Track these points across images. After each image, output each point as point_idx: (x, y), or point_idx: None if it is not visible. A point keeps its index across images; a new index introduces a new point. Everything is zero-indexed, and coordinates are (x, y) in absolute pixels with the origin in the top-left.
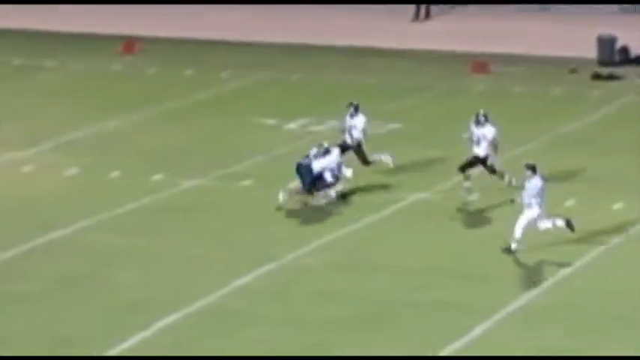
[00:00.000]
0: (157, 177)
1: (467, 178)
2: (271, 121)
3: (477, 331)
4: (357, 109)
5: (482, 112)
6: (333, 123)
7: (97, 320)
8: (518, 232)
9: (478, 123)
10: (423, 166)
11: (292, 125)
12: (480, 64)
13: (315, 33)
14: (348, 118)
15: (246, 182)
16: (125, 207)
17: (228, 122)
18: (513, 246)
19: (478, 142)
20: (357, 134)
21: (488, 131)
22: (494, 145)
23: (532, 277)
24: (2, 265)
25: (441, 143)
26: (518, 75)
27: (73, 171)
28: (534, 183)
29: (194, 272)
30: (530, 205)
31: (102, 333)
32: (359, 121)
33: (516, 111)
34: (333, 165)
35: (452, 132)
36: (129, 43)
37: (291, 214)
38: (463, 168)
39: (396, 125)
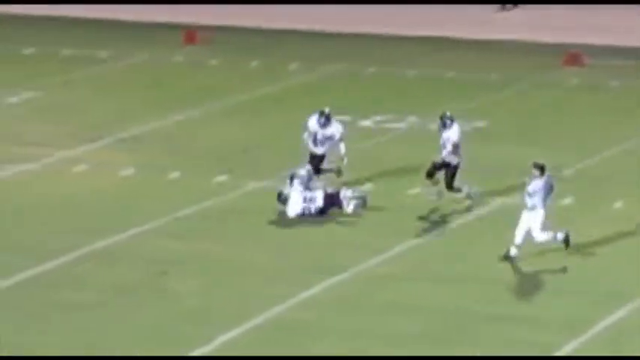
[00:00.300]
0: (220, 178)
1: (435, 183)
2: (344, 118)
3: (567, 349)
4: (328, 118)
5: (448, 113)
6: (412, 120)
7: (153, 333)
8: (518, 237)
9: (444, 126)
10: (509, 167)
11: (367, 122)
12: (573, 55)
13: (390, 22)
14: (317, 126)
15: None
16: (184, 210)
17: (296, 119)
18: (513, 252)
19: (444, 146)
20: (327, 146)
21: (452, 133)
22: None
23: (624, 291)
24: (52, 272)
25: (529, 142)
26: (614, 68)
27: (128, 171)
28: (540, 184)
29: (259, 281)
30: (533, 208)
31: (158, 347)
32: (335, 130)
33: (612, 106)
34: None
35: (542, 129)
36: (190, 33)
37: (362, 220)
38: (430, 174)
39: (480, 123)
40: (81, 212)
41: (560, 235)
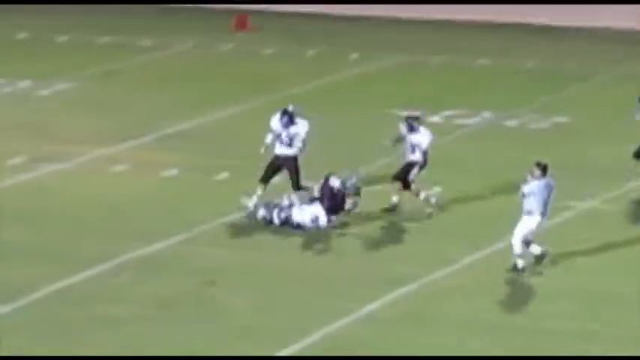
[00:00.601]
0: (274, 180)
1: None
2: (414, 113)
3: None
4: (292, 118)
5: (416, 114)
6: (486, 115)
7: (199, 351)
8: (517, 246)
9: (412, 129)
10: (592, 167)
11: (435, 118)
12: None
13: (461, 8)
14: (279, 126)
15: (379, 187)
16: (233, 215)
17: (357, 114)
18: (520, 263)
19: (412, 150)
20: (297, 145)
21: (423, 139)
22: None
23: None
24: (88, 282)
25: (615, 140)
26: None
27: (172, 172)
28: (538, 186)
29: (316, 294)
30: (530, 213)
31: None
32: (301, 130)
33: None
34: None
35: (631, 125)
36: (241, 19)
37: (430, 228)
38: (398, 178)
39: (562, 118)
40: (119, 217)
41: (536, 250)
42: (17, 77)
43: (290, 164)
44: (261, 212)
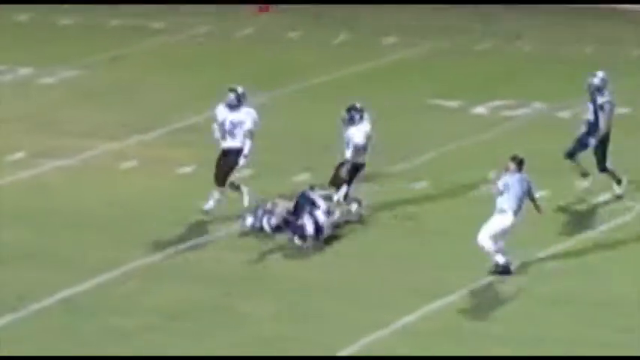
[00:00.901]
0: (299, 177)
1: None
2: (452, 104)
3: None
4: (239, 100)
5: (358, 105)
6: (538, 106)
7: None
8: (486, 244)
9: (351, 121)
10: None
11: (481, 109)
12: None
13: None
14: (226, 111)
15: (419, 185)
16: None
17: (392, 105)
18: (501, 259)
19: (347, 146)
20: (240, 136)
21: (357, 133)
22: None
23: None
24: (96, 291)
25: None
26: None
27: (187, 168)
28: (511, 181)
29: (346, 304)
30: (502, 211)
31: None
32: (247, 117)
33: None
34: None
35: None
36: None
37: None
38: (333, 183)
39: (624, 110)
40: (129, 219)
41: (500, 259)
42: (17, 64)
43: (231, 158)
44: (249, 220)
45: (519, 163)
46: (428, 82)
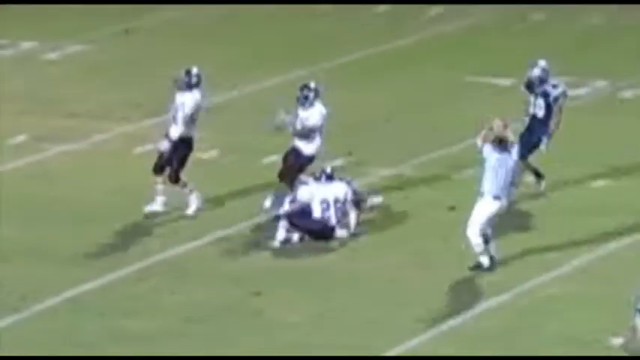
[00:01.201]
0: (336, 162)
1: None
2: (503, 82)
3: None
4: (199, 80)
5: (312, 85)
6: (600, 84)
7: None
8: (474, 239)
9: (305, 100)
10: None
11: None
12: None
13: None
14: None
15: (468, 173)
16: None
17: (436, 82)
18: (485, 262)
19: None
20: (181, 120)
21: (310, 116)
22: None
23: None
24: (107, 290)
25: None
26: None
27: (209, 153)
28: (504, 162)
29: (386, 304)
30: (482, 195)
31: None
32: (188, 98)
33: None
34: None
35: None
36: None
37: (526, 223)
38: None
39: None
40: (142, 209)
41: (485, 261)
42: (20, 38)
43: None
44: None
45: (500, 141)
46: (473, 57)
